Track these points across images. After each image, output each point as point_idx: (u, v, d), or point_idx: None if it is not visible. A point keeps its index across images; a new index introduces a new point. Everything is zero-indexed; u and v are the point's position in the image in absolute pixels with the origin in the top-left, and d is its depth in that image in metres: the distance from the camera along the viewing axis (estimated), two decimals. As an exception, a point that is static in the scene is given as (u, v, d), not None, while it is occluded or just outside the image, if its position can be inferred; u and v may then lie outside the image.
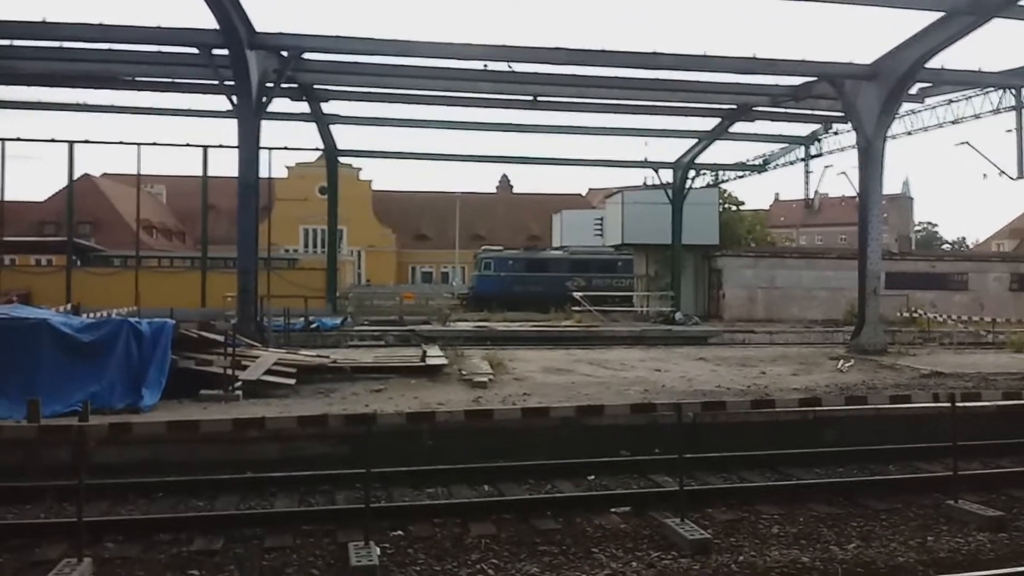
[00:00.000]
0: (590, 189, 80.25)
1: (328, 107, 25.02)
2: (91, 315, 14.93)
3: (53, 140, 28.00)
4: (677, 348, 20.88)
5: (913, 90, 21.37)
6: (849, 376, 14.79)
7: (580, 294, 31.16)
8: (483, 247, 44.07)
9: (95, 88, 22.62)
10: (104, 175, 60.60)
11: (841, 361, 16.88)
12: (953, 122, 26.86)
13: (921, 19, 17.21)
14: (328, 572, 6.10)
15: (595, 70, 20.80)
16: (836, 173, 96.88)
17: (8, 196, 28.34)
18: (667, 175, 31.32)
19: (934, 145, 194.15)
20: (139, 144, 27.89)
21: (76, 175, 30.75)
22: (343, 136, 27.77)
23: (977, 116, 25.91)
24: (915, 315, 26.40)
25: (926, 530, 7.09)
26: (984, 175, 75.06)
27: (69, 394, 9.98)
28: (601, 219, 40.35)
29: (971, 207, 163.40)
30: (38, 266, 36.69)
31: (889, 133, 20.96)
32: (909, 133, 28.58)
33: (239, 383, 11.56)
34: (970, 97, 25.55)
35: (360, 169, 60.20)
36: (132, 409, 10.23)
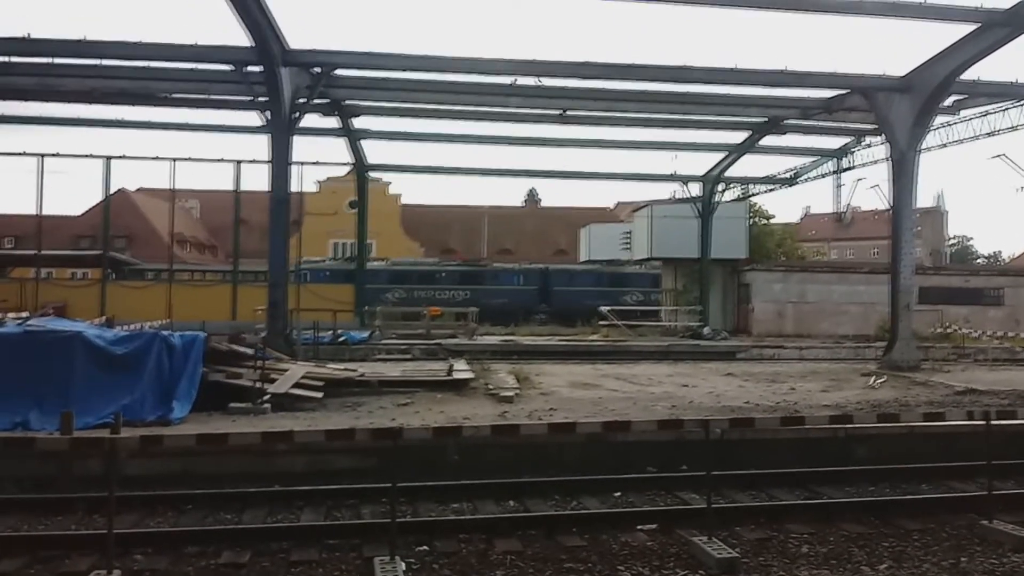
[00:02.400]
0: (618, 203, 79.96)
1: (358, 122, 25.30)
2: (124, 328, 15.15)
3: (90, 155, 28.53)
4: (705, 363, 20.71)
5: (947, 102, 21.09)
6: (881, 393, 14.56)
7: (607, 308, 31.03)
8: (304, 258, 43.21)
9: (131, 105, 23.04)
10: (139, 190, 61.66)
11: (873, 377, 16.64)
12: (988, 134, 26.42)
13: (955, 31, 17.02)
14: (353, 586, 6.12)
15: (624, 84, 20.82)
16: (868, 186, 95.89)
17: (45, 210, 28.91)
18: (696, 189, 31.20)
19: (968, 158, 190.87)
20: (173, 159, 28.40)
21: (112, 190, 31.31)
22: (373, 151, 28.01)
23: (1014, 128, 25.45)
24: (949, 331, 25.94)
25: (960, 551, 6.94)
26: (1020, 188, 74.02)
27: (101, 406, 10.13)
28: (629, 233, 40.25)
29: (1006, 221, 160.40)
30: (74, 279, 37.41)
31: (922, 146, 20.68)
32: (943, 145, 28.15)
33: (268, 396, 11.67)
34: (1006, 109, 25.11)
35: (389, 183, 60.56)
36: (163, 421, 10.36)
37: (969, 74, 18.38)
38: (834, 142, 29.20)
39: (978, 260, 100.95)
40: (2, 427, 9.60)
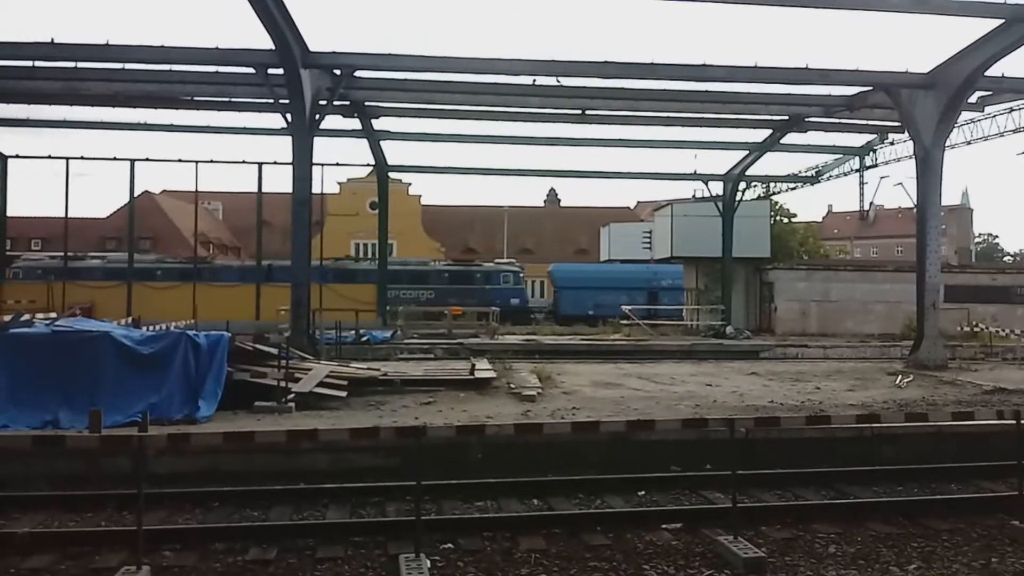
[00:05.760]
0: (638, 202, 79.84)
1: (379, 123, 25.38)
2: (151, 328, 15.32)
3: (115, 159, 28.83)
4: (728, 362, 20.55)
5: (972, 99, 20.82)
6: (908, 392, 14.40)
7: (628, 308, 30.95)
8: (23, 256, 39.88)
9: (155, 108, 23.26)
10: (163, 192, 62.36)
11: (899, 376, 16.45)
12: (1014, 130, 26.20)
13: (980, 27, 16.80)
14: (379, 584, 6.14)
15: (644, 83, 20.72)
16: (892, 184, 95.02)
17: (71, 212, 29.27)
18: (717, 187, 31.02)
19: (994, 154, 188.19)
20: (197, 162, 28.71)
21: (136, 192, 31.64)
22: (393, 151, 28.16)
23: (1040, 124, 25.18)
24: (976, 329, 25.61)
25: (990, 551, 6.86)
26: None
27: (129, 405, 10.23)
28: (650, 232, 40.13)
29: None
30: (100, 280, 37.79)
31: (947, 143, 20.44)
32: (968, 142, 27.94)
33: (292, 395, 11.74)
34: (1032, 105, 24.85)
35: (410, 184, 60.77)
36: (189, 420, 10.45)
37: (994, 70, 18.14)
38: (857, 139, 28.95)
39: (1005, 258, 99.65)
40: (33, 425, 9.74)
